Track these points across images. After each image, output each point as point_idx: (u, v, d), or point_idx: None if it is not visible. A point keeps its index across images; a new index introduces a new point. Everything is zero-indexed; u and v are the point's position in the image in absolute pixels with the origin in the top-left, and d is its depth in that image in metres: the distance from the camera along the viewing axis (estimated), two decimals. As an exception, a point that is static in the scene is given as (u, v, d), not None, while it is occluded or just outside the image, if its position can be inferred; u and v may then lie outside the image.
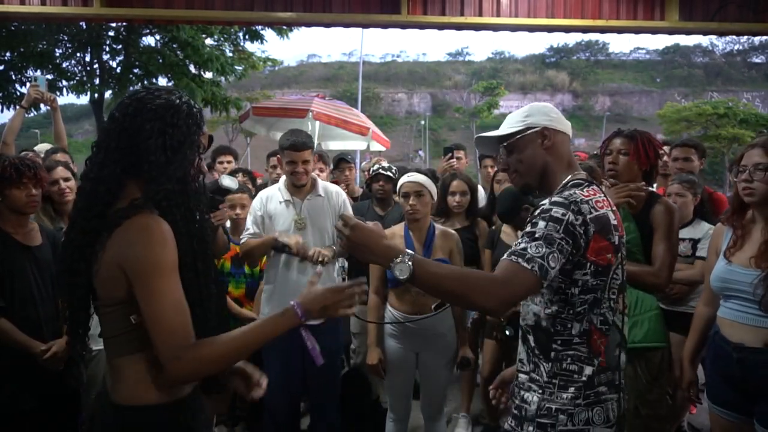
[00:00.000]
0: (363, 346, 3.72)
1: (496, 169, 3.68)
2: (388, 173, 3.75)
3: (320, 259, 2.68)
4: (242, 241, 2.86)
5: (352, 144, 7.16)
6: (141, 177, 1.32)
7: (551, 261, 1.37)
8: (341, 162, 4.43)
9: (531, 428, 1.48)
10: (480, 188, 4.21)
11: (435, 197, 2.83)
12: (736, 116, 29.87)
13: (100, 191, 1.30)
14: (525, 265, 1.36)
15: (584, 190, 1.49)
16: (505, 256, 1.43)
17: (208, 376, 1.38)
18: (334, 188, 3.00)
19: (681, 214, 2.76)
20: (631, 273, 2.24)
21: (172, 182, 1.32)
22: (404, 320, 2.70)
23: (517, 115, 1.66)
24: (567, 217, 1.41)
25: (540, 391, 1.49)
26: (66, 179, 2.94)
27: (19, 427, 2.25)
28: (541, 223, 1.41)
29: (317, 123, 5.75)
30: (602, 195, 1.52)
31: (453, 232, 2.90)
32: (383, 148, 7.16)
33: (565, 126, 1.65)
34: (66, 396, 2.46)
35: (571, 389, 1.46)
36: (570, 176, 1.57)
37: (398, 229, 2.82)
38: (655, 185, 3.21)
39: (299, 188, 2.86)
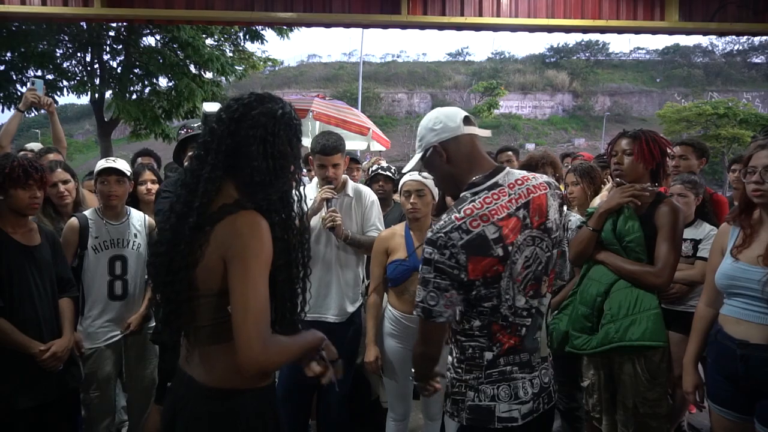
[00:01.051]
0: (363, 346, 3.73)
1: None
2: (388, 173, 3.76)
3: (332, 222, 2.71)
4: None
5: (353, 144, 7.16)
6: (240, 179, 1.42)
7: (430, 300, 1.51)
8: (350, 162, 4.41)
9: (449, 403, 1.67)
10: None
11: (436, 197, 2.83)
12: (736, 116, 29.83)
13: (202, 188, 1.39)
14: (418, 312, 1.54)
15: (470, 203, 1.54)
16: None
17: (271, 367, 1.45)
18: (364, 189, 3.02)
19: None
20: (632, 272, 2.25)
21: (278, 192, 1.43)
22: (404, 320, 2.70)
23: (417, 137, 1.71)
24: (433, 256, 1.50)
25: (453, 373, 1.66)
26: (65, 182, 2.95)
27: (18, 426, 2.26)
28: (423, 266, 1.54)
29: (317, 123, 5.75)
30: (491, 204, 1.54)
31: None
32: (383, 148, 7.17)
33: (453, 128, 1.63)
34: (65, 396, 2.46)
35: (475, 372, 1.61)
36: (466, 184, 1.61)
37: (399, 228, 2.82)
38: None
39: None
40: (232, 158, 1.40)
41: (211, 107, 2.37)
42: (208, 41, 11.25)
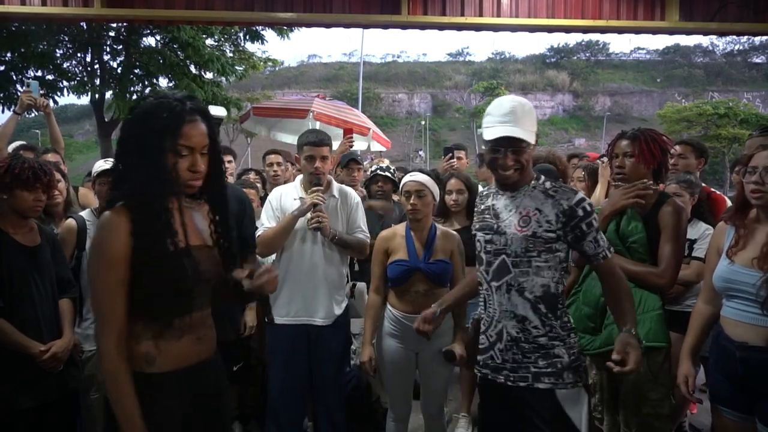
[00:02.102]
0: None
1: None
2: (387, 173, 3.75)
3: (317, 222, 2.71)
4: (258, 234, 2.87)
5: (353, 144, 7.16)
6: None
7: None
8: (351, 162, 4.39)
9: (570, 375, 1.83)
10: (480, 188, 4.21)
11: (437, 198, 2.83)
12: (736, 116, 29.83)
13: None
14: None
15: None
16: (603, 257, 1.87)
17: None
18: (349, 191, 3.01)
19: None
20: (635, 273, 2.24)
21: (138, 182, 1.45)
22: (404, 320, 2.70)
23: (530, 119, 1.86)
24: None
25: (562, 344, 1.84)
26: (57, 182, 2.94)
27: (18, 427, 2.25)
28: (595, 222, 1.83)
29: (317, 123, 5.75)
30: None
31: (454, 233, 2.90)
32: (384, 149, 7.16)
33: None
34: (65, 397, 2.46)
35: (573, 335, 1.87)
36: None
37: (400, 228, 2.82)
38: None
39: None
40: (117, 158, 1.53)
41: (217, 111, 2.38)
42: (209, 41, 11.26)
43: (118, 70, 11.47)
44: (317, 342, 2.80)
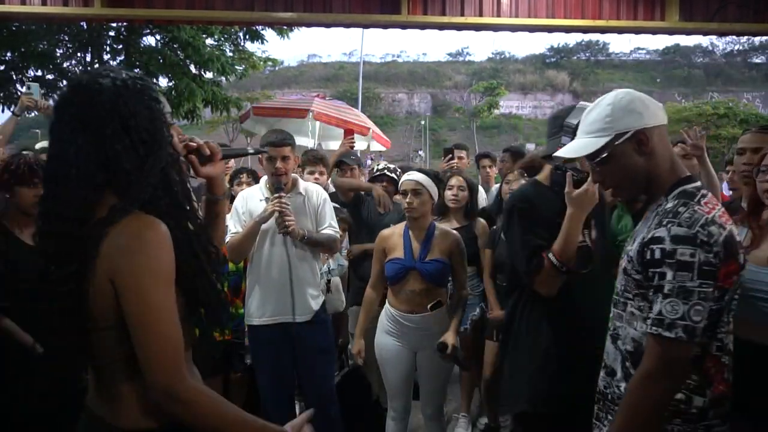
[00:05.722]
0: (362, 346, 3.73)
1: (495, 172, 3.70)
2: (393, 175, 3.75)
3: (289, 227, 2.69)
4: (226, 240, 2.85)
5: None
6: (114, 180, 1.16)
7: (695, 316, 1.21)
8: (341, 163, 4.38)
9: None
10: (480, 189, 4.21)
11: (435, 197, 2.84)
12: (736, 116, 29.79)
13: (75, 205, 1.15)
14: (677, 333, 1.21)
15: (702, 201, 1.30)
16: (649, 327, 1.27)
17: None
18: (314, 187, 3.02)
19: None
20: None
21: (154, 181, 1.18)
22: (401, 318, 2.71)
23: (597, 118, 1.42)
24: (697, 257, 1.21)
25: None
26: None
27: (20, 427, 2.26)
28: (669, 273, 1.22)
29: (317, 123, 5.76)
30: (719, 205, 1.33)
31: (454, 232, 2.90)
32: (383, 148, 7.17)
33: (660, 116, 1.39)
34: (67, 397, 2.46)
35: (677, 421, 1.30)
36: (676, 180, 1.37)
37: (398, 228, 2.86)
38: None
39: None
40: (95, 156, 1.14)
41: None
42: (208, 41, 11.24)
43: (118, 70, 11.46)
44: (299, 338, 2.81)
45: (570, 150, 1.48)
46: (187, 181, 1.29)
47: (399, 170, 3.83)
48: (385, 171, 3.80)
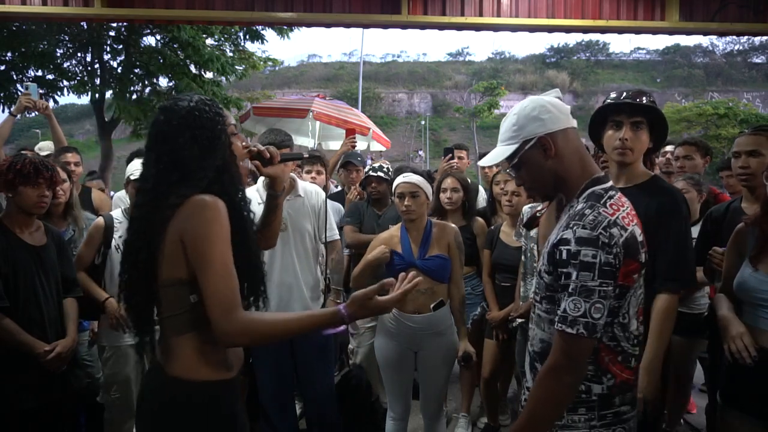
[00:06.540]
0: (362, 345, 3.73)
1: (495, 170, 3.69)
2: (379, 173, 3.72)
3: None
4: None
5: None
6: (181, 174, 1.44)
7: (595, 313, 1.29)
8: (348, 164, 4.36)
9: None
10: (481, 189, 4.21)
11: (430, 197, 2.84)
12: (736, 116, 29.82)
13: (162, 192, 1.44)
14: (579, 330, 1.29)
15: (610, 198, 1.38)
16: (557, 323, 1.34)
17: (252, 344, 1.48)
18: (313, 188, 3.01)
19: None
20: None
21: (210, 170, 1.45)
22: (403, 318, 2.70)
23: (507, 127, 1.50)
24: (598, 258, 1.28)
25: None
26: (62, 181, 2.94)
27: (21, 427, 2.26)
28: (573, 273, 1.30)
29: (317, 123, 5.75)
30: (626, 204, 1.41)
31: (452, 225, 2.89)
32: (384, 148, 7.16)
33: (564, 120, 1.45)
34: (68, 397, 2.46)
35: (581, 410, 1.39)
36: (586, 182, 1.43)
37: (395, 230, 2.84)
38: None
39: None
40: (170, 156, 1.45)
41: None
42: (209, 41, 11.25)
43: (118, 70, 11.46)
44: (299, 338, 2.80)
45: (488, 158, 1.58)
46: (239, 177, 1.56)
47: (385, 167, 3.78)
48: (370, 173, 3.74)
